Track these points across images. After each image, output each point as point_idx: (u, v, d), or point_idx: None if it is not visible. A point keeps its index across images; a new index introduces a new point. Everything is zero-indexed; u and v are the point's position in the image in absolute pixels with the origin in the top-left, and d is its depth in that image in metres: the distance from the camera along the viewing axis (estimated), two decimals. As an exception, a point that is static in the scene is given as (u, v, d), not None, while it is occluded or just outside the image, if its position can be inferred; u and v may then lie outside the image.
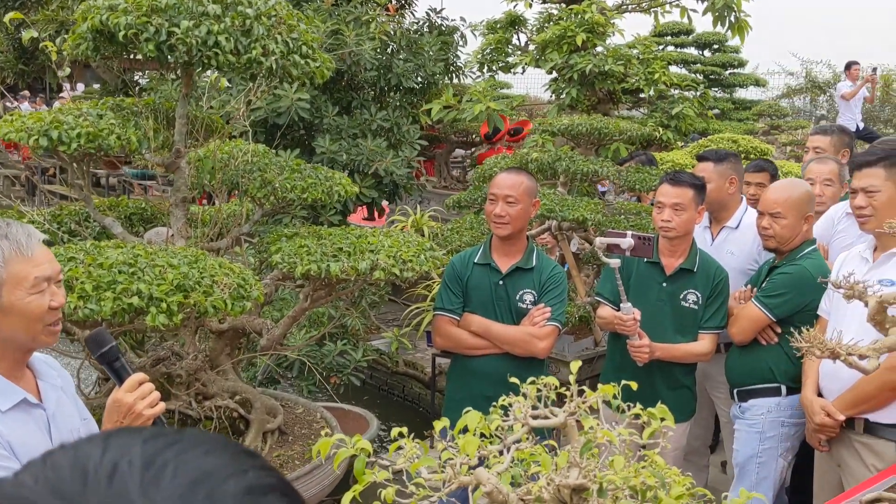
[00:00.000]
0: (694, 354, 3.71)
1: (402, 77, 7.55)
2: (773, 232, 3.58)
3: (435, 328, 3.51)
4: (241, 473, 0.52)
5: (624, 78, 7.39)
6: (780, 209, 3.55)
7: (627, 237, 3.43)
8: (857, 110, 12.11)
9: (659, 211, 3.65)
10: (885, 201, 3.13)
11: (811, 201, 3.65)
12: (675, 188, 3.61)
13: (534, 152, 4.86)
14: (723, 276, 3.70)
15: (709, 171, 4.23)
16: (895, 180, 3.15)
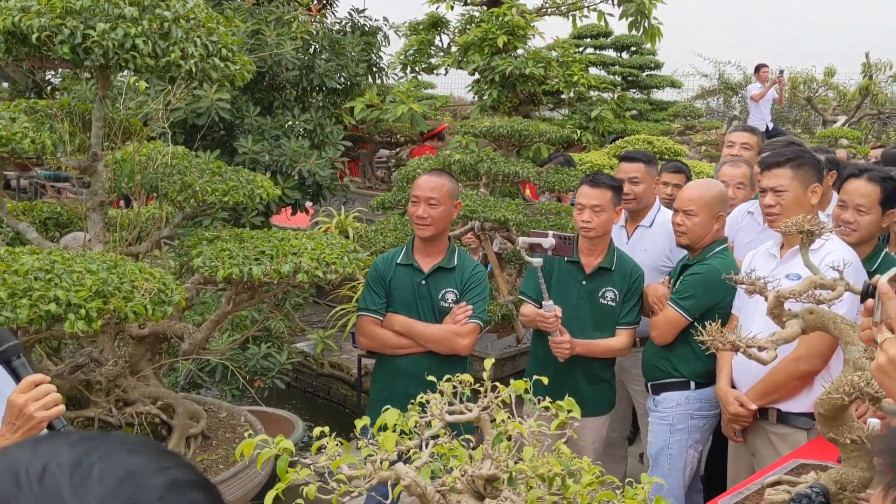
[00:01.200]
0: (612, 350, 3.85)
1: (325, 77, 7.53)
2: (685, 229, 3.73)
3: (358, 328, 3.55)
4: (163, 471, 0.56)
5: (544, 80, 7.53)
6: (694, 207, 3.71)
7: (549, 237, 3.54)
8: (766, 111, 12.61)
9: (579, 212, 3.77)
10: (792, 200, 3.29)
11: (724, 201, 3.82)
12: (594, 190, 3.73)
13: (456, 154, 4.93)
14: (639, 274, 3.85)
15: (641, 172, 4.37)
16: (801, 180, 3.31)
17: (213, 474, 3.15)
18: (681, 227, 3.75)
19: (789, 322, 2.17)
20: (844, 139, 11.87)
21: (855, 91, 14.67)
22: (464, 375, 1.48)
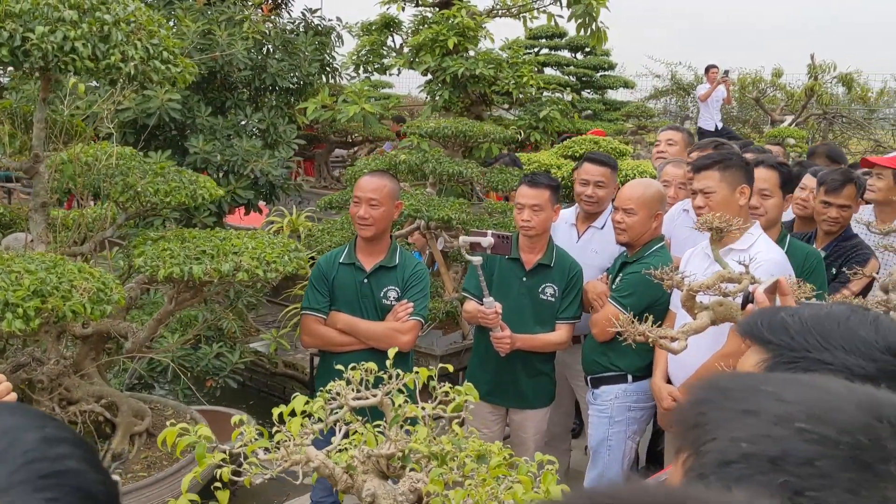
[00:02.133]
0: (552, 344, 3.96)
1: (278, 77, 7.56)
2: (625, 226, 3.84)
3: (302, 327, 3.62)
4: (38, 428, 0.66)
5: (495, 81, 7.64)
6: (633, 206, 3.82)
7: (488, 236, 3.65)
8: (715, 111, 12.89)
9: (519, 211, 3.87)
10: (720, 201, 3.42)
11: (662, 200, 3.95)
12: (533, 190, 3.84)
13: (402, 154, 5.01)
14: (577, 270, 3.96)
15: (606, 177, 4.46)
16: (728, 182, 3.44)
17: (157, 470, 3.20)
18: (621, 224, 3.86)
19: (700, 314, 2.30)
20: (791, 138, 12.18)
21: (801, 92, 15.07)
22: (368, 364, 1.58)
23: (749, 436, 0.69)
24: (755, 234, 3.37)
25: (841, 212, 4.14)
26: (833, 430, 0.68)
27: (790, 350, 1.09)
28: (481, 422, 4.08)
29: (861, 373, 1.04)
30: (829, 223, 4.17)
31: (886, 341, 1.07)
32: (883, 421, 0.69)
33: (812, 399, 0.71)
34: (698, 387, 0.79)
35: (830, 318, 1.11)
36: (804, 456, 0.67)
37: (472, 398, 1.59)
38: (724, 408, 0.73)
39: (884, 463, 0.66)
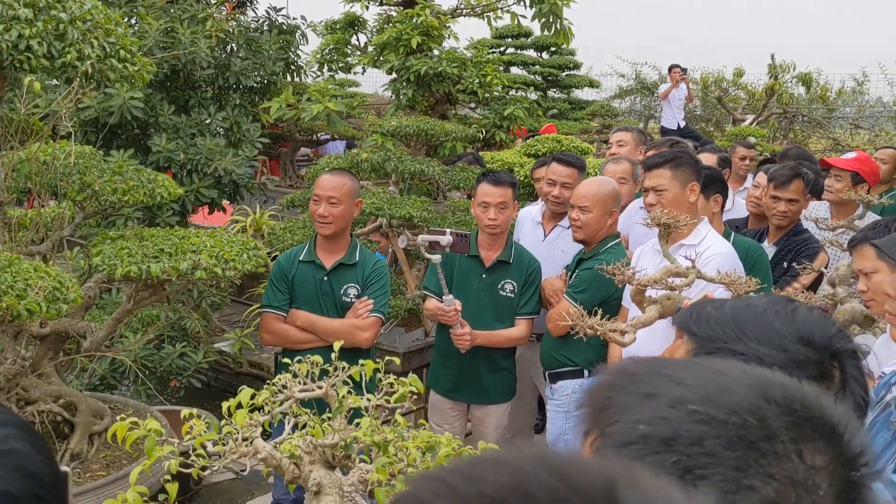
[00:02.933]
0: (512, 339, 4.02)
1: (241, 76, 7.54)
2: (581, 224, 3.91)
3: (262, 325, 3.64)
4: None
5: (459, 80, 7.68)
6: (588, 203, 3.89)
7: (447, 235, 3.70)
8: (677, 110, 13.05)
9: (484, 210, 3.92)
10: (672, 199, 3.49)
11: (617, 198, 4.02)
12: (497, 188, 3.89)
13: (364, 153, 5.04)
14: (535, 266, 4.02)
15: (574, 178, 4.50)
16: (680, 180, 3.52)
17: (116, 470, 3.20)
18: (577, 222, 3.93)
19: (648, 308, 2.36)
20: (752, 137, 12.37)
21: (762, 91, 15.32)
22: (314, 357, 1.61)
23: (647, 418, 0.73)
24: (704, 230, 3.46)
25: (789, 206, 4.25)
26: (722, 412, 0.72)
27: (710, 341, 1.14)
28: (442, 418, 4.14)
29: (771, 362, 1.09)
30: (779, 217, 4.28)
31: (799, 332, 1.12)
32: (770, 402, 0.73)
33: (707, 382, 0.76)
34: (608, 371, 0.84)
35: (749, 309, 1.17)
36: (694, 436, 0.71)
37: (419, 389, 1.63)
38: (629, 392, 0.78)
39: (768, 441, 0.70)
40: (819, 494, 0.69)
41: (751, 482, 0.68)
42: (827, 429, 0.73)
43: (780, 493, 0.68)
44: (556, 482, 0.50)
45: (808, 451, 0.71)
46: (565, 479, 0.50)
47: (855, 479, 0.72)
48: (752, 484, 0.68)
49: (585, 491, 0.50)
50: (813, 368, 1.11)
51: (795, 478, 0.69)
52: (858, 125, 16.22)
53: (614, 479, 0.51)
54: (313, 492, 1.33)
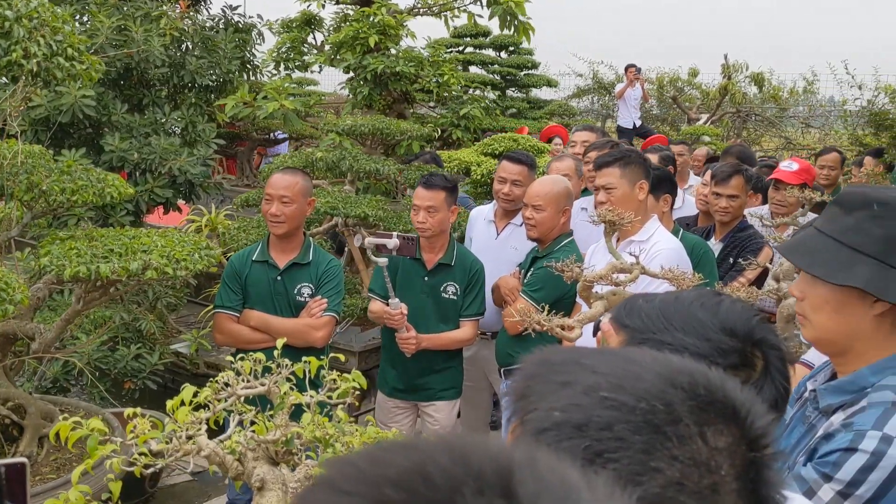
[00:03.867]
0: (457, 341, 4.04)
1: (196, 74, 7.47)
2: (535, 222, 3.96)
3: (215, 325, 3.62)
4: None
5: (416, 79, 7.70)
6: (542, 202, 3.93)
7: (393, 238, 3.70)
8: (633, 109, 13.22)
9: (415, 212, 3.92)
10: (621, 197, 3.55)
11: (569, 197, 4.07)
12: (428, 191, 3.88)
13: (318, 151, 5.03)
14: (478, 267, 4.04)
15: (524, 175, 4.55)
16: (629, 178, 3.58)
17: (67, 472, 3.17)
18: (531, 220, 3.97)
19: (595, 303, 2.40)
20: (706, 136, 12.58)
21: (715, 91, 15.59)
22: (257, 354, 1.62)
23: (562, 405, 0.77)
24: (653, 226, 3.53)
25: (730, 202, 4.36)
26: (631, 398, 0.76)
27: (640, 332, 1.19)
28: (389, 416, 4.15)
29: (696, 351, 1.14)
30: (721, 213, 4.39)
31: (721, 322, 1.17)
32: (676, 387, 0.77)
33: (619, 370, 0.79)
34: (530, 361, 0.87)
35: (677, 302, 1.21)
36: (604, 422, 0.74)
37: (361, 385, 1.65)
38: (547, 380, 0.81)
39: (673, 425, 0.74)
40: (720, 474, 0.73)
41: (657, 464, 0.72)
42: (729, 411, 0.77)
43: (684, 474, 0.72)
44: (454, 465, 0.53)
45: (711, 434, 0.75)
46: (464, 462, 0.53)
47: (755, 459, 0.76)
48: (658, 466, 0.72)
49: (482, 473, 0.52)
50: (735, 357, 1.15)
51: (698, 459, 0.73)
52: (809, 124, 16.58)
53: (512, 463, 0.54)
54: (256, 488, 1.35)
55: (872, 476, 1.50)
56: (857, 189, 1.77)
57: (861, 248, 1.63)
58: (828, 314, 1.68)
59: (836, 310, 1.67)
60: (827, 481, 1.53)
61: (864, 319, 1.66)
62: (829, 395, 1.69)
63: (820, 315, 1.69)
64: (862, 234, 1.64)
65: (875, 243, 1.62)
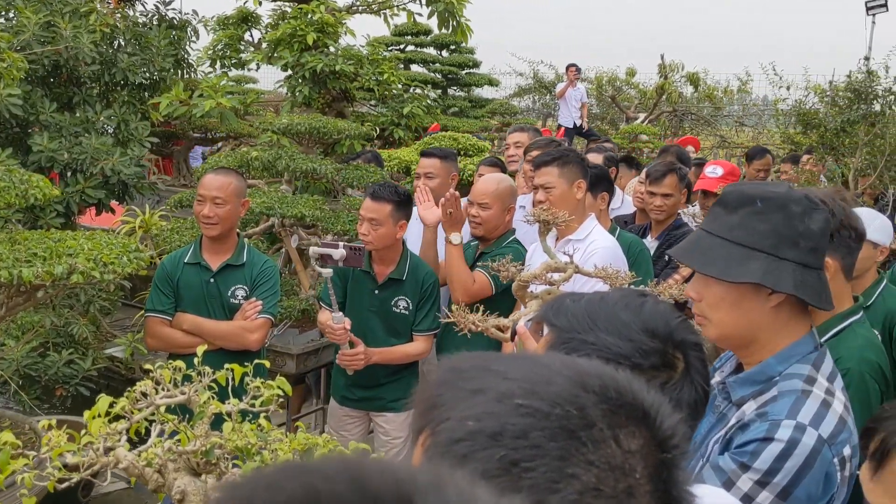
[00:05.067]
0: (410, 355, 3.90)
1: (129, 72, 7.27)
2: (481, 220, 3.96)
3: (146, 329, 3.53)
4: None
5: (356, 77, 7.64)
6: (488, 200, 3.94)
7: (339, 248, 3.55)
8: (574, 109, 13.36)
9: (360, 223, 3.80)
10: (559, 196, 3.57)
11: (514, 195, 4.09)
12: (373, 203, 3.74)
13: (254, 151, 4.95)
14: (431, 281, 3.91)
15: (436, 168, 4.59)
16: (567, 178, 3.61)
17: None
18: (476, 218, 3.96)
19: (530, 302, 2.41)
20: (644, 135, 12.79)
21: (652, 90, 15.86)
22: (176, 362, 1.57)
23: (475, 414, 0.75)
24: (590, 225, 3.57)
25: (664, 200, 4.44)
26: (545, 404, 0.74)
27: (566, 332, 1.19)
28: (339, 425, 4.06)
29: (618, 351, 1.14)
30: (656, 212, 4.47)
31: (644, 323, 1.18)
32: (588, 391, 0.76)
33: (531, 375, 0.78)
34: (439, 368, 0.85)
35: (603, 302, 1.22)
36: (519, 430, 0.72)
37: (287, 392, 1.62)
38: (458, 388, 0.79)
39: (587, 430, 0.73)
40: (635, 477, 0.73)
41: (573, 470, 0.71)
42: (640, 413, 0.77)
43: (600, 479, 0.71)
44: (349, 491, 0.50)
45: (624, 436, 0.74)
46: (361, 488, 0.51)
47: (666, 460, 0.76)
48: (575, 472, 0.71)
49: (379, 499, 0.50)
50: (657, 357, 1.16)
51: (613, 463, 0.72)
52: (743, 123, 16.98)
53: (413, 486, 0.52)
54: (177, 500, 1.30)
55: (788, 464, 1.55)
56: (737, 188, 1.82)
57: (750, 244, 1.69)
58: (726, 311, 1.73)
59: (733, 306, 1.73)
60: (745, 471, 1.57)
61: (762, 312, 1.72)
62: (740, 387, 1.75)
63: (719, 313, 1.74)
64: (749, 230, 1.70)
65: (763, 238, 1.68)
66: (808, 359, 1.73)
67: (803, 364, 1.72)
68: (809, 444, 1.56)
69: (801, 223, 1.70)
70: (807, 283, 1.69)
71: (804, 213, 1.71)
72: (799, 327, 1.76)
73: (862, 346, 2.29)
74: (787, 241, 1.68)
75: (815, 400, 1.63)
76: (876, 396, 2.27)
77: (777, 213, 1.70)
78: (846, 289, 2.42)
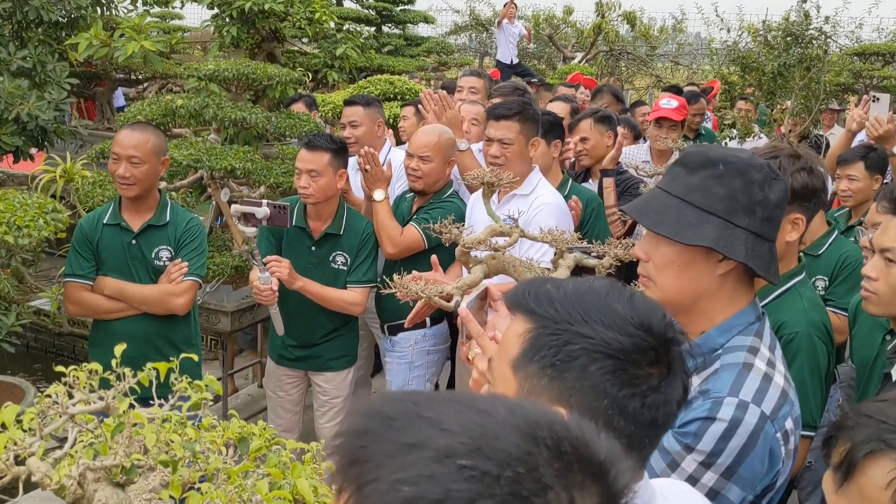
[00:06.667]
0: (344, 301, 3.73)
1: (43, 10, 6.83)
2: (421, 173, 3.77)
3: (66, 295, 3.34)
4: None
5: (286, 16, 7.32)
6: (430, 152, 3.74)
7: (263, 206, 3.39)
8: (513, 47, 13.18)
9: (297, 177, 3.62)
10: (516, 153, 3.43)
11: (454, 147, 3.93)
12: (310, 153, 3.57)
13: (179, 99, 4.69)
14: (368, 231, 3.76)
15: (360, 115, 4.43)
16: (525, 134, 3.46)
17: None
18: (416, 172, 3.76)
19: (474, 268, 2.31)
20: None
21: (589, 29, 15.73)
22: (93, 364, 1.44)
23: (410, 477, 0.64)
24: (535, 179, 3.47)
25: (583, 144, 4.58)
26: (493, 465, 0.65)
27: (554, 322, 1.10)
28: (278, 385, 3.95)
29: (618, 346, 1.08)
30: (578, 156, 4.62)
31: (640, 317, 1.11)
32: (539, 445, 0.67)
33: (473, 426, 0.68)
34: (359, 413, 0.73)
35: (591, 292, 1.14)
36: (465, 497, 0.63)
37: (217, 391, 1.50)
38: (386, 440, 0.68)
39: (541, 495, 0.64)
40: None
41: None
42: (595, 468, 0.68)
43: None
44: None
45: (580, 497, 0.66)
46: None
47: None
48: None
49: None
50: (652, 354, 1.10)
51: None
52: (678, 62, 17.02)
53: None
54: (97, 514, 1.20)
55: (731, 444, 1.53)
56: (699, 149, 1.77)
57: (706, 207, 1.64)
58: (674, 274, 1.69)
59: (681, 269, 1.68)
60: (689, 452, 1.55)
61: (710, 278, 1.68)
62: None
63: (665, 275, 1.70)
64: (706, 193, 1.65)
65: (719, 202, 1.63)
66: (751, 329, 1.70)
67: (745, 335, 1.69)
68: (752, 423, 1.53)
69: (760, 191, 1.65)
70: (758, 253, 1.65)
71: (764, 180, 1.65)
72: (742, 298, 1.72)
73: (808, 308, 2.28)
74: (743, 207, 1.63)
75: (756, 374, 1.60)
76: (824, 357, 2.28)
77: (737, 178, 1.64)
78: (797, 248, 2.40)
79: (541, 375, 1.09)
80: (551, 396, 1.07)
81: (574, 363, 1.07)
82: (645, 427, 1.09)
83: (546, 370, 1.08)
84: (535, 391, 1.08)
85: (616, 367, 1.07)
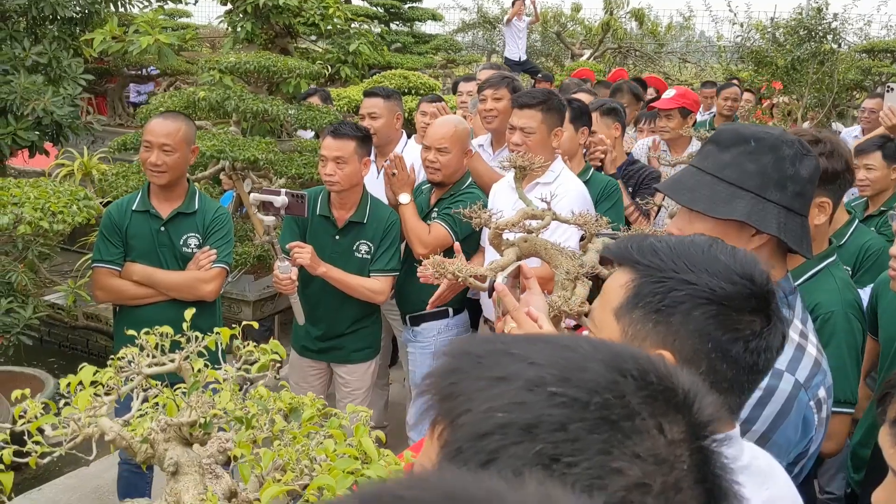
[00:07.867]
0: (367, 289, 3.74)
1: (58, 5, 6.87)
2: (440, 165, 3.79)
3: (94, 281, 3.37)
4: None
5: (300, 12, 7.37)
6: (447, 144, 3.77)
7: (281, 195, 3.42)
8: (521, 44, 13.20)
9: (322, 165, 3.64)
10: (538, 142, 3.46)
11: (470, 137, 3.98)
12: (336, 141, 3.59)
13: (201, 91, 4.74)
14: (392, 220, 3.78)
15: (379, 107, 4.45)
16: (548, 124, 3.50)
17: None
18: (434, 164, 3.79)
19: (506, 251, 2.35)
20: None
21: (598, 26, 15.75)
22: (164, 328, 1.48)
23: (502, 405, 0.67)
24: (558, 168, 3.51)
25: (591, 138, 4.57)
26: (583, 392, 0.67)
27: (658, 271, 1.15)
28: (301, 376, 3.98)
29: (722, 293, 1.13)
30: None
31: (742, 268, 1.17)
32: (626, 375, 0.70)
33: (559, 360, 0.71)
34: (449, 354, 0.76)
35: (694, 244, 1.20)
36: (557, 421, 0.65)
37: (280, 355, 1.54)
38: (476, 375, 0.71)
39: (629, 420, 0.67)
40: (682, 469, 0.67)
41: (618, 465, 0.64)
42: (679, 399, 0.71)
43: (647, 473, 0.65)
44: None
45: (667, 425, 0.68)
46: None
47: (706, 449, 0.70)
48: (620, 466, 0.64)
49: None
50: (754, 302, 1.16)
51: (659, 455, 0.66)
52: (686, 59, 17.04)
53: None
54: (171, 472, 1.23)
55: (766, 411, 1.56)
56: (731, 127, 1.82)
57: (739, 182, 1.69)
58: None
59: None
60: None
61: None
62: None
63: None
64: (738, 169, 1.69)
65: (751, 178, 1.68)
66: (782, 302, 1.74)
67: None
68: (786, 390, 1.57)
69: (791, 167, 1.69)
70: (790, 228, 1.69)
71: (795, 156, 1.69)
72: (776, 272, 1.75)
73: (841, 287, 2.32)
74: (774, 182, 1.67)
75: (790, 345, 1.64)
76: (860, 334, 2.32)
77: (768, 155, 1.68)
78: (827, 231, 2.44)
79: (645, 321, 1.14)
80: (655, 340, 1.12)
81: (679, 308, 1.13)
82: (746, 371, 1.15)
83: (650, 315, 1.14)
84: (640, 336, 1.14)
85: (720, 313, 1.13)
